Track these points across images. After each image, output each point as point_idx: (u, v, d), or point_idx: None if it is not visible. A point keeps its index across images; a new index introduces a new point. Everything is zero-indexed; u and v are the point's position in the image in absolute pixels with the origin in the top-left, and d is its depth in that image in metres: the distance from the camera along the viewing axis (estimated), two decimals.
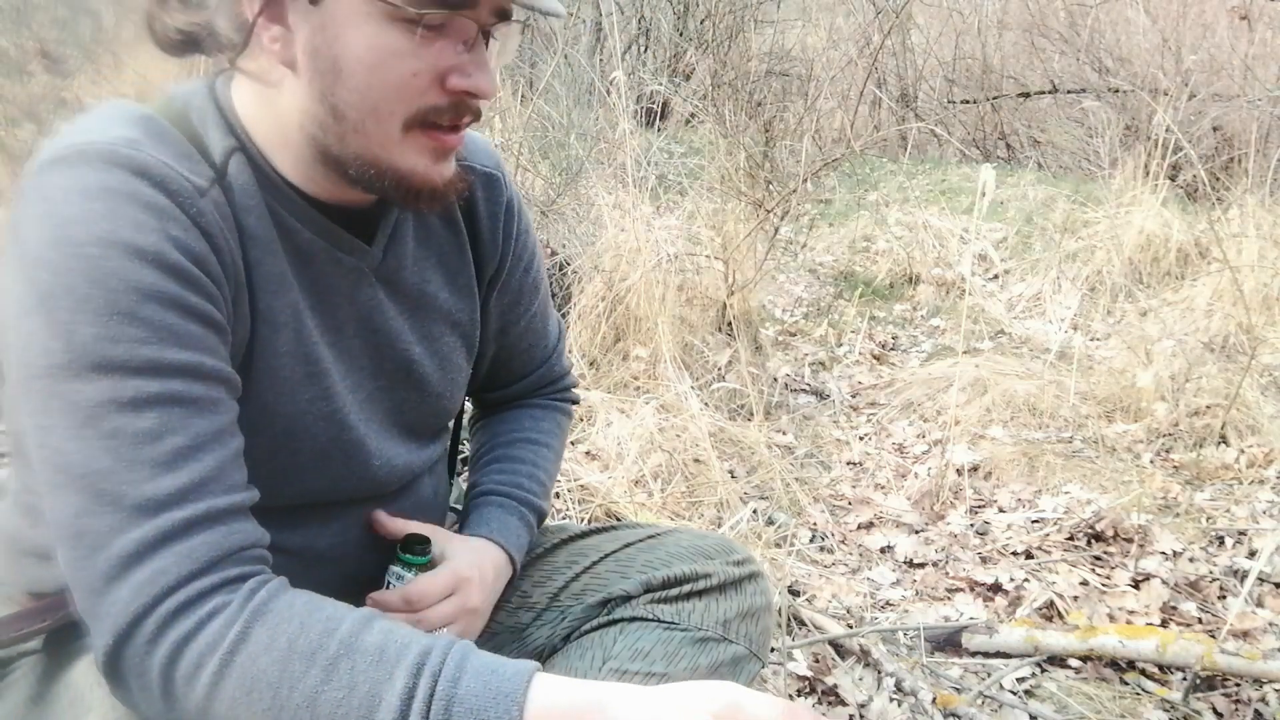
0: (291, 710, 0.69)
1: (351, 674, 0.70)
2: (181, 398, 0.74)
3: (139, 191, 0.74)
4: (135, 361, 0.72)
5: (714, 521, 2.36)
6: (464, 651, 0.72)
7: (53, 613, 0.86)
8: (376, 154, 0.82)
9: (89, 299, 0.71)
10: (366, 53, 0.78)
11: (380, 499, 1.00)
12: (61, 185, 0.73)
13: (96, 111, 0.81)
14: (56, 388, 0.72)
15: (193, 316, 0.75)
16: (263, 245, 0.84)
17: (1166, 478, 2.76)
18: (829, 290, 4.61)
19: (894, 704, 1.75)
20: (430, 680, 0.70)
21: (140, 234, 0.73)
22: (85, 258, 0.71)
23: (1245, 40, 5.76)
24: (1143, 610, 2.11)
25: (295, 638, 0.71)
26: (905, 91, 7.29)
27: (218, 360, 0.77)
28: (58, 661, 0.85)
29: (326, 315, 0.90)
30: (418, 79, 0.79)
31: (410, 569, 0.95)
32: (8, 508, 0.92)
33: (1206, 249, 4.21)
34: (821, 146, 5.40)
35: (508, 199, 1.06)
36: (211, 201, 0.79)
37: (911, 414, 3.25)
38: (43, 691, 0.84)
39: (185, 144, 0.80)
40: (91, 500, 0.71)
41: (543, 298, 1.16)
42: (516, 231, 1.08)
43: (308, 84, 0.80)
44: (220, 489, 0.74)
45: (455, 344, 1.04)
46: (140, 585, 0.70)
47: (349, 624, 0.73)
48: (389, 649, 0.72)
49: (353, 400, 0.94)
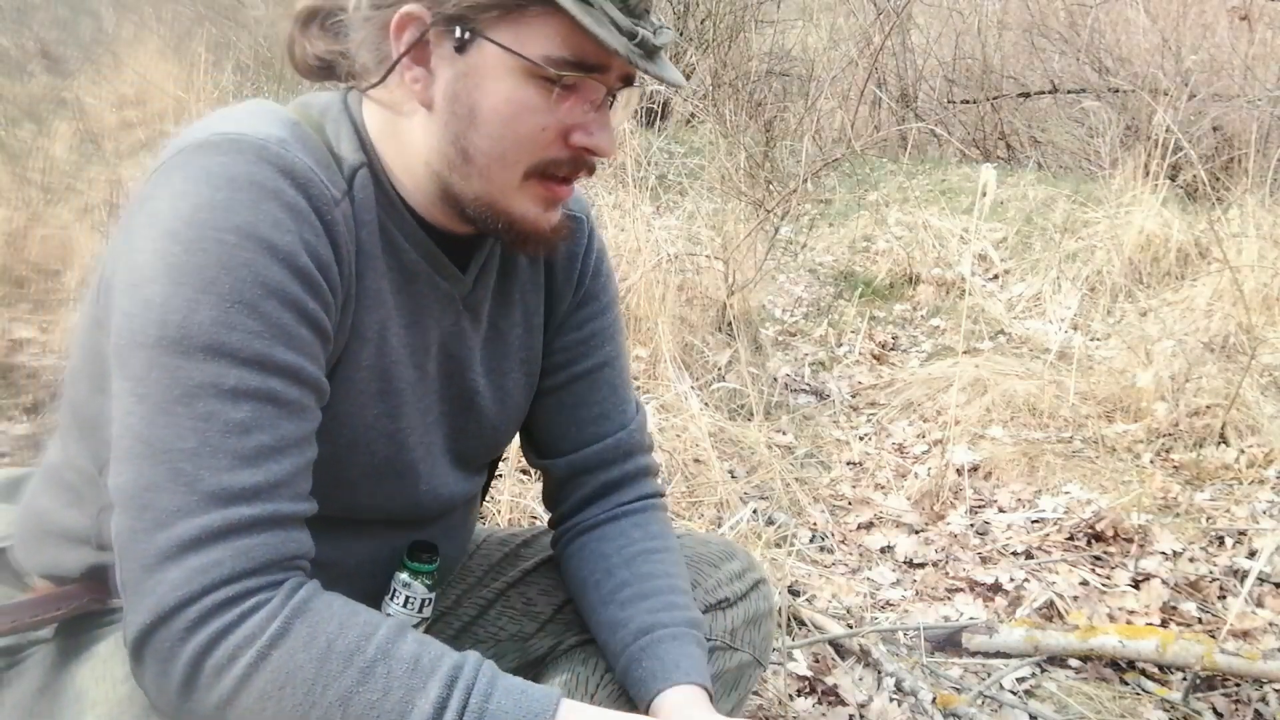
0: (323, 708, 0.71)
1: (387, 679, 0.72)
2: (278, 397, 0.75)
3: (283, 191, 0.77)
4: (245, 353, 0.74)
5: (714, 521, 2.36)
6: (494, 671, 0.75)
7: (67, 602, 0.86)
8: (495, 198, 0.86)
9: (216, 282, 0.73)
10: (504, 104, 0.82)
11: (417, 524, 1.00)
12: (209, 168, 0.76)
13: (243, 108, 0.84)
14: (162, 359, 0.73)
15: (306, 321, 0.78)
16: (369, 260, 0.87)
17: (1166, 478, 2.76)
18: (829, 290, 4.61)
19: (894, 704, 1.75)
20: (464, 693, 0.72)
21: (277, 232, 0.76)
22: (221, 243, 0.74)
23: (1245, 40, 5.76)
24: (1143, 610, 2.11)
25: (334, 638, 0.72)
26: (905, 91, 7.29)
27: (316, 368, 0.79)
28: (68, 653, 0.86)
29: (415, 335, 0.92)
30: (545, 133, 0.83)
31: (417, 577, 0.95)
32: (40, 486, 0.93)
33: (1206, 249, 4.21)
34: (822, 146, 5.40)
35: (589, 242, 1.08)
36: (342, 213, 0.82)
37: (911, 414, 3.25)
38: (50, 682, 0.84)
39: (325, 154, 0.84)
40: (167, 477, 0.72)
41: (621, 356, 1.12)
42: (594, 273, 1.09)
43: (442, 125, 0.84)
44: (289, 495, 0.76)
45: (519, 381, 1.05)
46: (193, 572, 0.71)
47: (385, 630, 0.75)
48: (424, 659, 0.74)
49: (420, 422, 0.95)
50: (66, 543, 0.88)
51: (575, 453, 1.08)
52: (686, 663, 0.94)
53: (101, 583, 0.87)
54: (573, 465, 1.09)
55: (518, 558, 1.18)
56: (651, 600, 0.99)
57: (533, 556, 1.17)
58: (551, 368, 1.07)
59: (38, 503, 0.92)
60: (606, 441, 1.08)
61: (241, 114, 0.82)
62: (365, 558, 0.96)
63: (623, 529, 1.07)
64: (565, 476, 1.10)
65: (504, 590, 1.15)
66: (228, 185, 0.75)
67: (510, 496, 2.18)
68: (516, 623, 1.13)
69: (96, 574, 0.87)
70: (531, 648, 1.12)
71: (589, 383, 1.08)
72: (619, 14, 0.80)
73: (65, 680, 0.83)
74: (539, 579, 1.15)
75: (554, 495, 1.12)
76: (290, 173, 0.77)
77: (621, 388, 1.11)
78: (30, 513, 0.93)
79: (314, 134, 0.84)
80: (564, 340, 1.07)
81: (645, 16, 0.82)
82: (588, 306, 1.08)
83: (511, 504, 2.17)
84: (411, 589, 0.95)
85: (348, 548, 0.95)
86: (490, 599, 1.15)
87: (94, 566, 0.87)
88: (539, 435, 1.11)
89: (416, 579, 0.95)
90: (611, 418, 1.09)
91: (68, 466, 0.89)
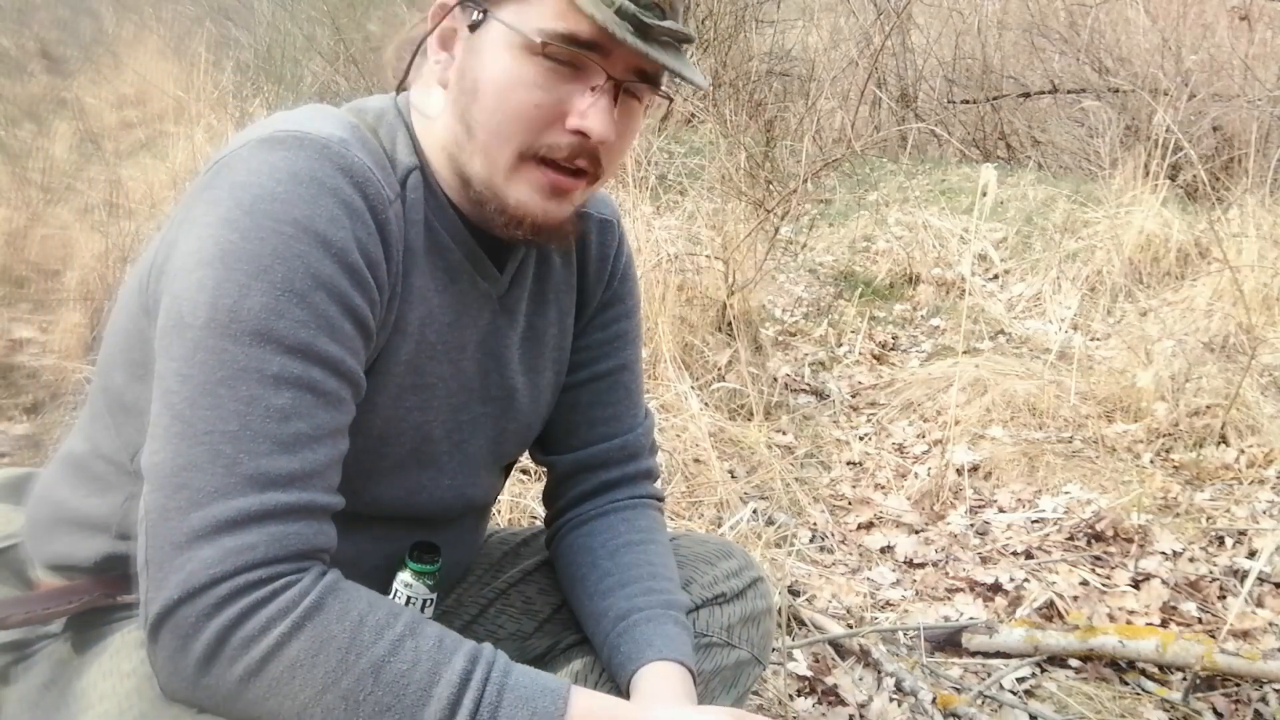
0: (355, 675, 0.73)
1: (415, 652, 0.75)
2: (317, 387, 0.77)
3: (341, 188, 0.79)
4: (290, 340, 0.76)
5: (714, 521, 2.36)
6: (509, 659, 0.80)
7: (78, 596, 0.87)
8: (493, 177, 0.87)
9: (269, 270, 0.75)
10: (501, 76, 0.84)
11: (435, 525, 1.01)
12: (272, 162, 0.78)
13: (304, 110, 0.87)
14: (209, 341, 0.74)
15: (350, 315, 0.80)
16: (415, 258, 0.89)
17: (1166, 478, 2.76)
18: (829, 290, 4.60)
19: (894, 704, 1.75)
20: (485, 667, 0.76)
21: (332, 227, 0.78)
22: (278, 233, 0.76)
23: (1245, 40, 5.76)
24: (1143, 610, 2.11)
25: (366, 613, 0.75)
26: (905, 92, 7.28)
27: (356, 362, 0.81)
28: (76, 648, 0.86)
29: (454, 333, 0.94)
30: (539, 110, 0.84)
31: (419, 577, 0.95)
32: (58, 477, 0.93)
33: (1206, 249, 4.21)
34: (822, 146, 5.40)
35: (619, 245, 1.10)
36: (395, 213, 0.85)
37: (911, 414, 3.25)
38: (58, 677, 0.85)
39: (381, 155, 0.86)
40: (206, 457, 0.73)
41: (638, 363, 1.14)
42: (621, 277, 1.11)
43: (452, 101, 0.87)
44: (323, 485, 0.78)
45: (550, 379, 1.07)
46: (227, 551, 0.72)
47: (410, 613, 0.78)
48: (447, 639, 0.78)
49: (451, 418, 0.97)
50: (82, 532, 0.89)
51: (581, 450, 1.10)
52: (659, 640, 0.95)
53: (111, 578, 0.88)
54: (577, 462, 1.10)
55: (517, 557, 1.19)
56: (630, 587, 1.00)
57: (532, 556, 1.18)
58: (574, 365, 1.09)
59: (55, 493, 0.92)
60: (613, 442, 1.10)
61: (303, 115, 0.85)
62: (381, 561, 0.97)
63: (610, 524, 1.08)
64: (567, 473, 1.11)
65: (504, 590, 1.15)
66: (289, 179, 0.78)
67: (510, 496, 2.18)
68: (516, 621, 1.13)
69: (109, 566, 0.88)
70: (530, 647, 1.12)
71: (607, 383, 1.10)
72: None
73: (73, 675, 0.84)
74: (538, 578, 1.15)
75: (553, 492, 1.13)
76: (349, 171, 0.80)
77: (636, 392, 1.13)
78: (44, 502, 0.93)
79: (371, 136, 0.87)
80: (589, 340, 1.09)
81: (653, 8, 0.83)
82: (614, 308, 1.10)
83: (511, 504, 2.17)
84: (413, 589, 0.95)
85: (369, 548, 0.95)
86: (490, 598, 1.15)
87: (108, 556, 0.88)
88: (550, 431, 1.12)
89: (418, 579, 0.95)
90: (622, 419, 1.11)
91: (94, 456, 0.90)
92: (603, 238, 1.09)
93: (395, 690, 0.73)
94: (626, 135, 0.91)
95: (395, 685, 0.73)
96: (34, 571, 0.93)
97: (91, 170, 3.95)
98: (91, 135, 4.36)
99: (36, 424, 2.44)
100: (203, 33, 5.38)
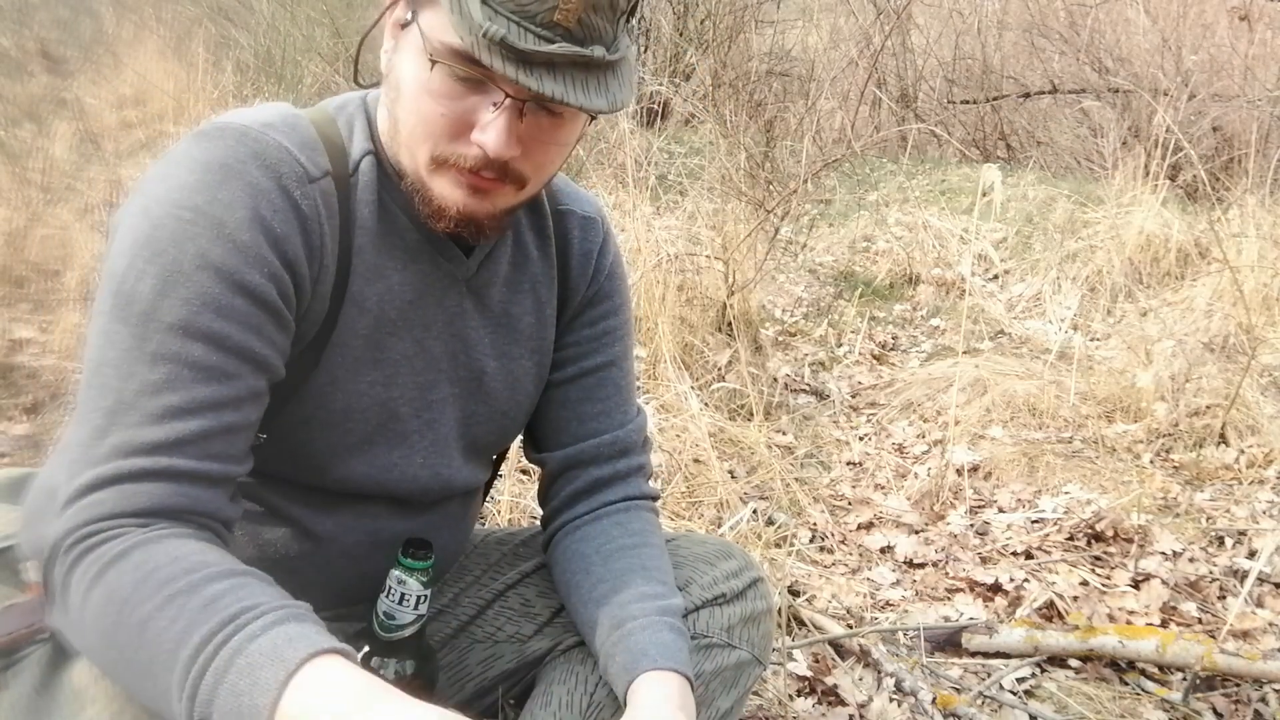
0: (126, 630, 0.73)
1: (181, 610, 0.72)
2: (196, 363, 0.80)
3: (247, 171, 0.83)
4: (170, 318, 0.80)
5: (714, 522, 2.36)
6: (290, 616, 0.73)
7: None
8: (417, 171, 0.89)
9: (162, 254, 0.80)
10: (412, 82, 0.86)
11: (416, 507, 1.02)
12: (191, 153, 0.84)
13: (258, 105, 0.91)
14: (106, 324, 0.81)
15: (243, 293, 0.82)
16: (370, 235, 0.93)
17: (1166, 478, 2.76)
18: (829, 290, 4.61)
19: (894, 704, 1.75)
20: (233, 631, 0.71)
21: (228, 211, 0.82)
22: (177, 219, 0.81)
23: (1245, 40, 5.76)
24: (1143, 610, 2.11)
25: (159, 566, 0.75)
26: (905, 92, 7.28)
27: (253, 337, 0.83)
28: (64, 652, 0.86)
29: (416, 311, 0.97)
30: (445, 120, 0.85)
31: (411, 573, 0.95)
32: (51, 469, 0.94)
33: (1206, 249, 4.21)
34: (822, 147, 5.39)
35: (604, 242, 1.11)
36: (319, 189, 0.88)
37: (911, 414, 3.25)
38: (48, 681, 0.85)
39: (315, 139, 0.89)
40: (87, 432, 0.79)
41: (627, 359, 1.14)
42: (608, 274, 1.11)
43: (385, 93, 0.91)
44: (193, 453, 0.80)
45: (529, 368, 1.07)
46: (80, 509, 0.77)
47: (211, 570, 0.75)
48: (224, 599, 0.73)
49: (418, 396, 0.99)
50: None
51: (571, 446, 1.10)
52: (654, 650, 0.93)
53: None
54: (567, 459, 1.10)
55: (516, 558, 1.19)
56: (624, 593, 0.99)
57: (531, 558, 1.18)
58: (561, 361, 1.10)
59: (51, 483, 0.92)
60: (603, 438, 1.09)
61: (250, 109, 0.89)
62: (363, 537, 0.99)
63: (603, 528, 1.07)
64: (558, 470, 1.11)
65: (502, 591, 1.15)
66: (201, 168, 0.82)
67: (510, 497, 2.18)
68: (514, 624, 1.13)
69: None
70: (529, 649, 1.12)
71: (595, 379, 1.10)
72: (496, 12, 0.78)
73: (63, 678, 0.84)
74: (537, 580, 1.15)
75: (546, 490, 1.13)
76: (261, 154, 0.84)
77: (626, 389, 1.12)
78: (42, 492, 0.93)
79: (309, 124, 0.90)
80: (575, 335, 1.10)
81: (549, 28, 0.79)
82: (600, 305, 1.10)
83: (511, 504, 2.17)
84: (406, 585, 0.95)
85: (348, 526, 0.97)
86: (488, 599, 1.15)
87: None
88: (539, 427, 1.12)
89: (411, 575, 0.95)
90: (612, 415, 1.10)
91: None
92: (585, 234, 1.09)
93: (151, 650, 0.72)
94: (548, 147, 0.89)
95: (152, 644, 0.72)
96: (27, 571, 0.92)
97: (91, 170, 3.95)
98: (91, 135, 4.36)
99: (36, 424, 2.44)
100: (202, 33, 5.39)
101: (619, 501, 1.10)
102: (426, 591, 0.97)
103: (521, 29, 0.79)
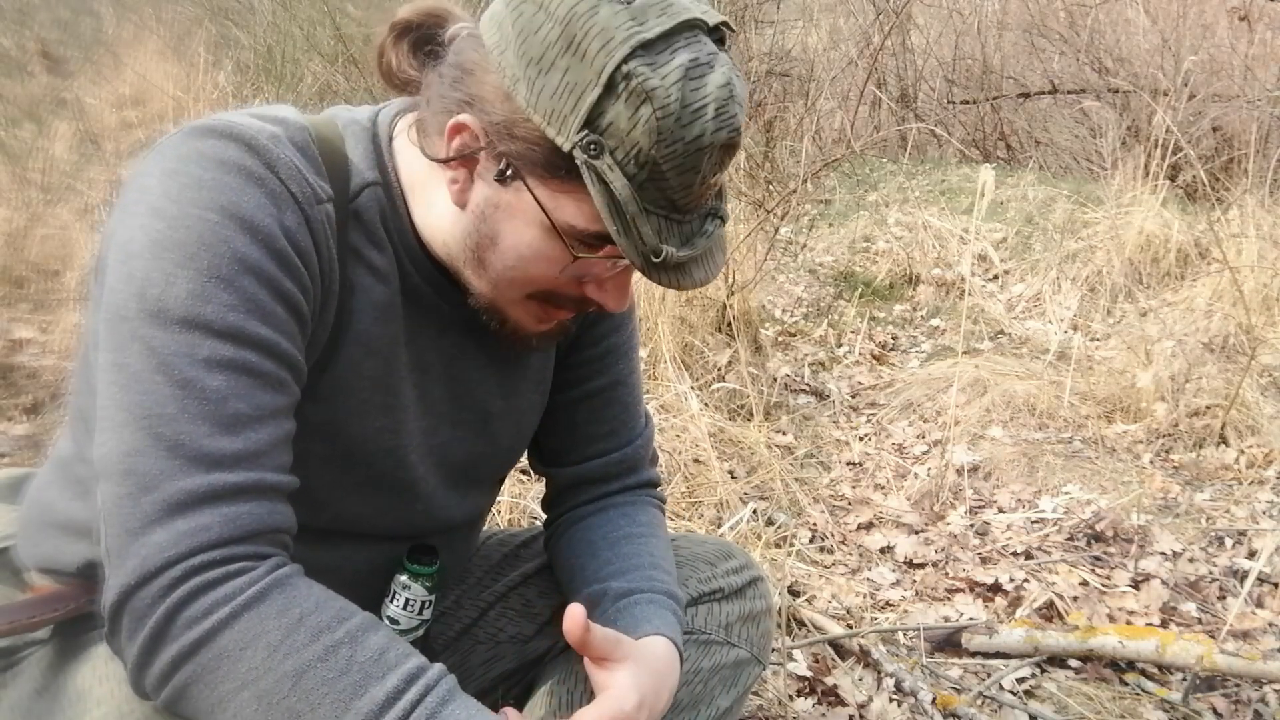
0: (275, 676, 0.71)
1: (348, 661, 0.72)
2: (253, 369, 0.76)
3: (267, 179, 0.79)
4: (219, 325, 0.75)
5: (714, 522, 2.36)
6: (455, 683, 0.75)
7: (64, 603, 0.86)
8: (498, 302, 0.88)
9: (195, 257, 0.75)
10: (525, 247, 0.83)
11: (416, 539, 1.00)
12: (201, 151, 0.78)
13: (252, 108, 0.86)
14: (141, 330, 0.75)
15: (281, 299, 0.79)
16: (378, 273, 0.88)
17: (1166, 478, 2.76)
18: (829, 290, 4.61)
19: (894, 704, 1.75)
20: (421, 690, 0.72)
21: (258, 213, 0.78)
22: (203, 220, 0.76)
23: (1245, 41, 5.75)
24: (1143, 610, 2.11)
25: (308, 613, 0.73)
26: (905, 92, 7.28)
27: (291, 345, 0.80)
28: (65, 654, 0.85)
29: (417, 353, 0.93)
30: (557, 281, 0.86)
31: (417, 579, 0.95)
32: (48, 478, 0.93)
33: (1206, 249, 4.21)
34: (822, 147, 5.39)
35: None
36: (323, 213, 0.83)
37: (911, 414, 3.25)
38: (49, 683, 0.84)
39: (318, 161, 0.84)
40: (149, 442, 0.73)
41: (634, 374, 1.12)
42: None
43: (467, 231, 0.86)
44: (271, 465, 0.77)
45: (535, 402, 1.05)
46: (179, 535, 0.71)
47: (359, 619, 0.75)
48: (390, 653, 0.73)
49: (423, 443, 0.95)
50: (67, 536, 0.88)
51: (580, 464, 1.09)
52: (657, 619, 0.93)
53: (96, 583, 0.86)
54: (576, 476, 1.10)
55: (517, 559, 1.18)
56: (631, 574, 0.99)
57: (532, 558, 1.18)
58: (565, 383, 1.08)
59: (45, 494, 0.92)
60: (611, 456, 1.09)
61: (245, 112, 0.84)
62: (364, 566, 0.96)
63: (610, 518, 1.07)
64: (566, 486, 1.11)
65: (504, 593, 1.15)
66: (216, 167, 0.78)
67: (510, 497, 2.18)
68: (516, 624, 1.13)
69: (91, 571, 0.87)
70: (530, 649, 1.12)
71: (602, 400, 1.09)
72: (656, 224, 0.79)
73: (65, 681, 0.83)
74: (538, 581, 1.15)
75: (552, 500, 1.13)
76: (275, 165, 0.80)
77: (632, 405, 1.11)
78: (35, 504, 0.93)
79: (313, 144, 0.85)
80: (580, 356, 1.08)
81: (692, 212, 0.81)
82: (603, 323, 1.08)
83: (511, 504, 2.17)
84: (411, 591, 0.95)
85: (347, 555, 0.94)
86: (490, 601, 1.15)
87: (91, 562, 0.87)
88: (546, 445, 1.11)
89: (416, 581, 0.95)
90: (619, 434, 1.10)
91: (77, 459, 0.89)
92: None
93: (311, 699, 0.70)
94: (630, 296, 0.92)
95: (313, 694, 0.70)
96: (27, 574, 0.92)
97: (91, 170, 3.95)
98: (91, 135, 4.36)
99: (36, 424, 2.44)
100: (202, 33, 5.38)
101: (626, 492, 1.10)
102: (431, 597, 0.97)
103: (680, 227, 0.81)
